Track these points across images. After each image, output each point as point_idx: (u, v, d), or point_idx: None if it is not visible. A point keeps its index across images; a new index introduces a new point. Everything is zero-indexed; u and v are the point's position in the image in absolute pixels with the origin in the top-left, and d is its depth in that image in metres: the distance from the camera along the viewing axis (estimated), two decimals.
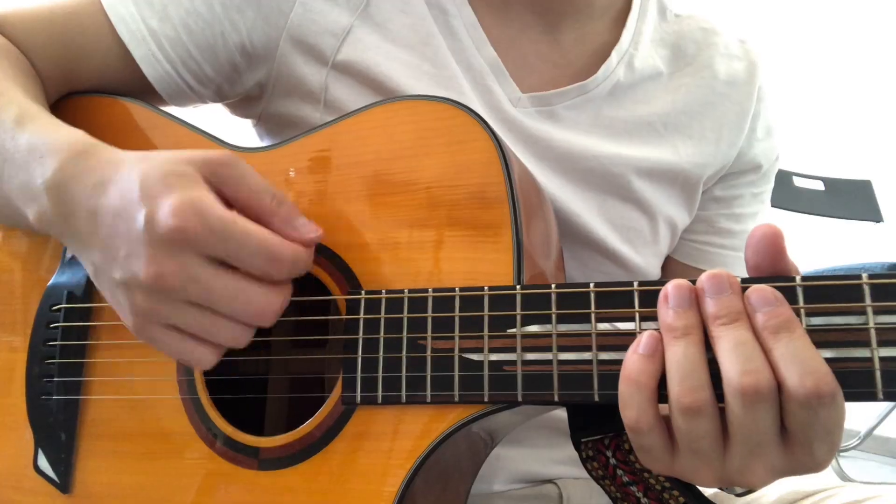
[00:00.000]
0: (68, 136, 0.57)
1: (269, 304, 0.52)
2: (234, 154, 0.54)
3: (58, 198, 0.54)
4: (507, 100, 0.73)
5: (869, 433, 2.65)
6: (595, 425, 0.53)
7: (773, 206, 2.35)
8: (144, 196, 0.50)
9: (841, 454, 2.68)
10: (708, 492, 0.55)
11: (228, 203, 0.52)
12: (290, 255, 0.52)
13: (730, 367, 0.44)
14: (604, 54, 0.76)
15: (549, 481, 0.76)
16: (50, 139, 0.56)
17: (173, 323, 0.51)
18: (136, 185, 0.50)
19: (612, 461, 0.54)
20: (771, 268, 0.46)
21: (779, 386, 0.43)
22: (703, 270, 0.80)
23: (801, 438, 0.44)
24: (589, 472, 0.55)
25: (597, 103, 0.75)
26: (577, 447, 0.55)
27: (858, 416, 2.74)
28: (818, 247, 2.36)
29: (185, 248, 0.49)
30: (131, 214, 0.50)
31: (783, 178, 2.58)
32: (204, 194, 0.50)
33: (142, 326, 0.52)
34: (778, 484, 0.64)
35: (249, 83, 0.73)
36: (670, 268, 0.84)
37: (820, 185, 2.71)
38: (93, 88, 0.71)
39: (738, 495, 0.53)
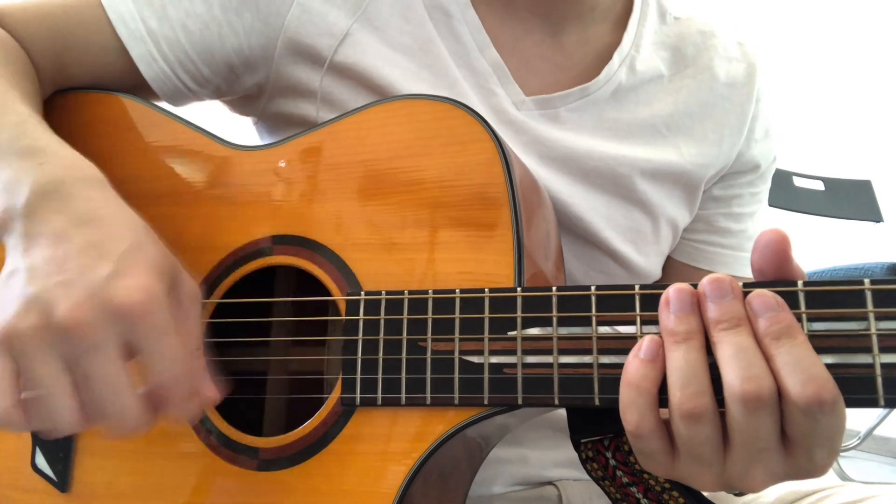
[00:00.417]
0: (78, 156, 0.55)
1: (136, 419, 0.48)
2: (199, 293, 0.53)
3: (39, 200, 0.51)
4: (510, 102, 0.73)
5: (869, 433, 2.65)
6: (594, 426, 0.53)
7: (773, 206, 2.35)
8: (124, 258, 0.48)
9: (841, 454, 2.68)
10: (707, 493, 0.55)
11: None
12: (187, 388, 0.50)
13: (731, 374, 0.43)
14: (606, 57, 0.76)
15: (549, 483, 0.76)
16: (57, 150, 0.55)
17: (33, 364, 0.46)
18: (125, 242, 0.49)
19: (612, 462, 0.54)
20: (776, 273, 0.46)
21: (780, 392, 0.43)
22: (701, 269, 0.82)
23: (801, 444, 0.44)
24: (588, 472, 0.55)
25: (599, 105, 0.75)
26: (576, 448, 0.55)
27: (858, 416, 2.74)
28: (818, 247, 2.36)
29: (118, 324, 0.46)
30: (100, 259, 0.48)
31: (783, 178, 2.58)
32: (166, 298, 0.49)
33: (10, 343, 0.46)
34: (778, 484, 0.64)
35: (247, 84, 0.73)
36: (670, 267, 0.84)
37: (820, 185, 2.71)
38: (89, 84, 0.71)
39: (736, 495, 0.53)
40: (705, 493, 0.54)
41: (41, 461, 0.64)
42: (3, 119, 0.58)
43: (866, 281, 0.44)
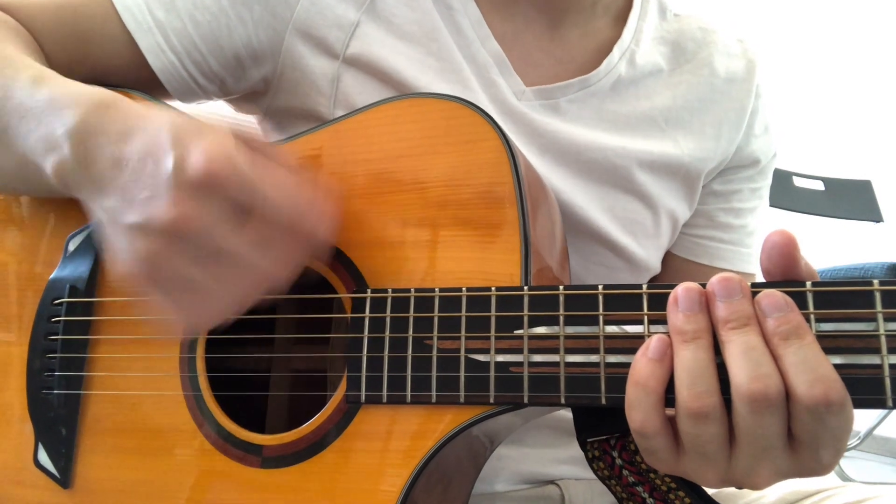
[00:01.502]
0: (90, 89, 0.56)
1: (282, 265, 0.51)
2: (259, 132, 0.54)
3: (81, 145, 0.52)
4: (511, 93, 0.73)
5: (869, 433, 2.65)
6: (601, 426, 0.53)
7: (773, 206, 2.35)
8: (175, 140, 0.49)
9: None
10: (711, 490, 0.55)
11: None
12: (314, 211, 0.52)
13: (739, 373, 0.43)
14: (606, 50, 0.77)
15: (551, 482, 0.76)
16: (72, 92, 0.56)
17: (182, 273, 0.49)
18: (166, 130, 0.50)
19: (618, 461, 0.54)
20: (783, 275, 0.46)
21: (787, 392, 0.43)
22: (702, 264, 0.82)
23: (808, 444, 0.44)
24: (595, 472, 0.55)
25: (599, 97, 0.76)
26: (582, 447, 0.55)
27: (859, 416, 2.74)
28: (818, 247, 2.36)
29: (212, 196, 0.48)
30: (159, 157, 0.48)
31: (783, 178, 2.59)
32: (234, 145, 0.49)
33: (147, 274, 0.49)
34: (779, 484, 0.64)
35: (255, 78, 0.73)
36: (670, 262, 0.84)
37: (820, 185, 2.71)
38: (98, 77, 0.71)
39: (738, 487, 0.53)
40: (709, 490, 0.54)
41: (43, 457, 0.64)
42: (20, 73, 0.59)
43: (875, 282, 0.44)
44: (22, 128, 0.57)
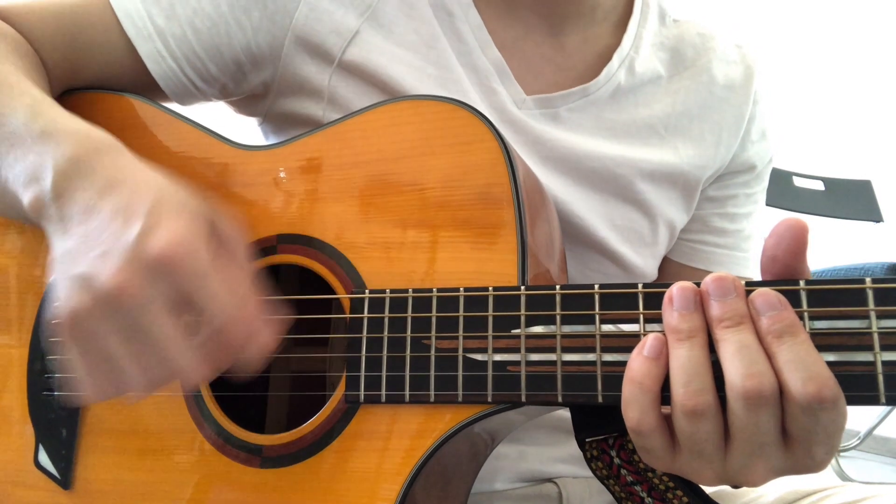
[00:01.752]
0: (92, 129, 0.56)
1: (193, 371, 0.48)
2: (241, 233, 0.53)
3: (64, 181, 0.52)
4: (511, 101, 0.73)
5: (869, 433, 2.65)
6: (599, 425, 0.54)
7: (773, 206, 2.36)
8: (151, 211, 0.48)
9: (841, 454, 2.69)
10: (708, 489, 0.55)
11: None
12: (253, 325, 0.50)
13: (733, 371, 0.44)
14: (606, 57, 0.77)
15: (549, 480, 0.76)
16: (70, 128, 0.56)
17: (102, 340, 0.47)
18: (148, 198, 0.49)
19: (617, 461, 0.54)
20: (791, 260, 0.46)
21: (781, 390, 0.43)
22: (698, 269, 0.82)
23: (802, 441, 0.45)
24: (593, 471, 0.56)
25: (598, 106, 0.76)
26: (581, 446, 0.55)
27: (858, 416, 2.75)
28: (818, 247, 2.36)
29: (161, 278, 0.46)
30: (129, 220, 0.48)
31: (783, 178, 2.59)
32: (205, 236, 0.49)
33: (70, 326, 0.47)
34: (778, 483, 0.64)
35: (254, 83, 0.73)
36: (666, 267, 0.84)
37: (820, 185, 2.71)
38: (97, 83, 0.71)
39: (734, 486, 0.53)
40: (708, 490, 0.54)
41: (44, 458, 0.65)
42: (16, 101, 0.58)
43: (868, 280, 0.44)
44: (10, 155, 0.56)
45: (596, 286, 0.50)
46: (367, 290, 0.57)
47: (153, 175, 0.52)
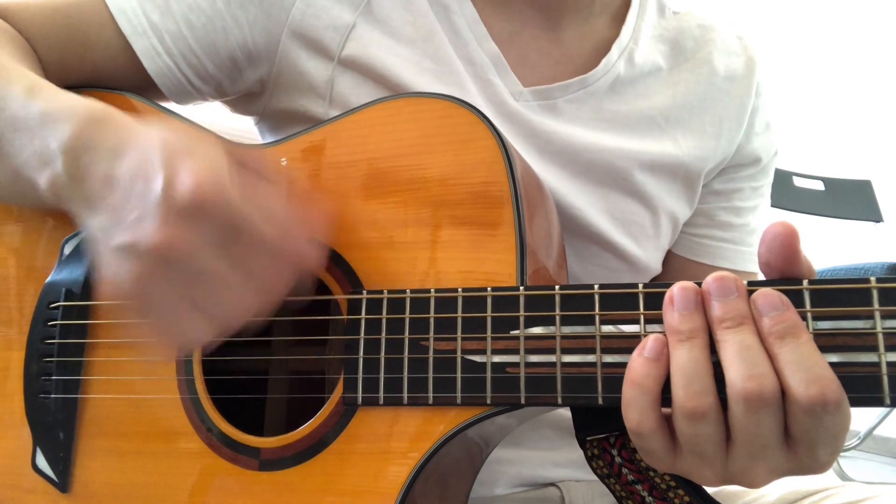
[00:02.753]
0: (83, 102, 0.56)
1: (246, 307, 0.50)
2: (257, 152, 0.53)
3: (74, 161, 0.52)
4: (508, 93, 0.73)
5: (869, 433, 2.65)
6: (600, 424, 0.53)
7: (773, 206, 2.35)
8: (166, 161, 0.48)
9: (841, 454, 2.68)
10: (710, 489, 0.55)
11: None
12: (302, 233, 0.51)
13: (733, 372, 0.43)
14: (604, 49, 0.76)
15: (551, 484, 0.76)
16: (65, 105, 0.56)
17: (169, 296, 0.49)
18: (157, 149, 0.49)
19: (618, 460, 0.54)
20: (783, 266, 0.46)
21: (783, 391, 0.43)
22: (703, 264, 0.82)
23: (804, 443, 0.44)
24: (594, 470, 0.55)
25: (597, 97, 0.75)
26: (581, 445, 0.54)
27: (858, 416, 2.74)
28: (818, 247, 2.36)
29: (200, 220, 0.47)
30: (149, 177, 0.48)
31: (783, 178, 2.59)
32: (225, 166, 0.49)
33: (136, 295, 0.49)
34: (779, 483, 0.64)
35: (250, 80, 0.73)
36: (670, 262, 0.84)
37: (820, 185, 2.71)
38: (93, 81, 0.71)
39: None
40: (709, 489, 0.53)
41: (42, 461, 0.64)
42: (13, 86, 0.59)
43: (872, 279, 0.44)
44: (16, 141, 0.57)
45: (596, 286, 0.50)
46: (364, 291, 0.57)
47: (153, 130, 0.52)
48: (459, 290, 0.53)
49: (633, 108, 0.76)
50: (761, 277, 0.48)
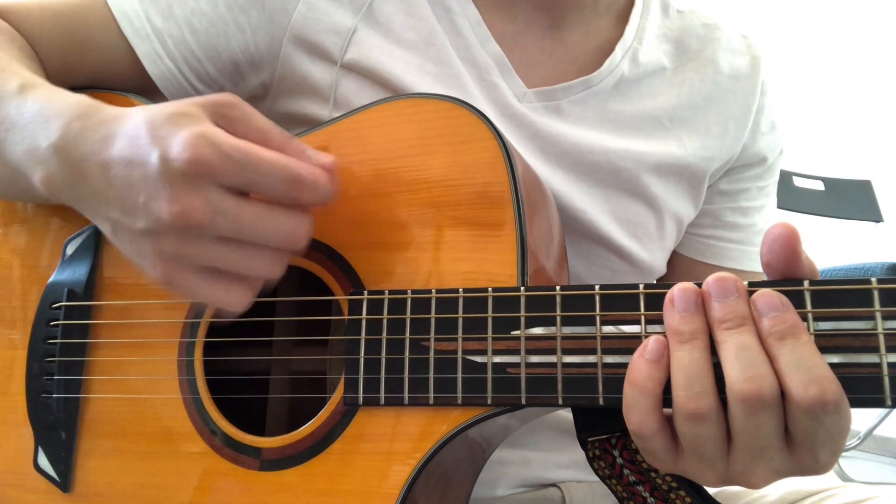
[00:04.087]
0: (71, 98, 0.56)
1: (297, 225, 0.51)
2: (237, 96, 0.53)
3: (65, 159, 0.52)
4: (512, 95, 0.73)
5: (869, 433, 2.65)
6: (601, 425, 0.53)
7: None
8: (154, 137, 0.48)
9: (841, 454, 2.68)
10: (711, 489, 0.55)
11: None
12: (308, 175, 0.51)
13: (733, 373, 0.43)
14: (608, 50, 0.76)
15: (552, 485, 0.76)
16: (54, 104, 0.56)
17: (207, 263, 0.50)
18: (143, 129, 0.49)
19: (619, 461, 0.54)
20: (784, 268, 0.46)
21: (783, 392, 0.43)
22: (709, 264, 0.82)
23: (805, 443, 0.44)
24: (595, 471, 0.55)
25: (602, 98, 0.75)
26: (583, 446, 0.54)
27: (858, 416, 2.74)
28: (818, 247, 2.36)
29: (205, 181, 0.48)
30: (144, 158, 0.48)
31: (783, 178, 2.58)
32: (213, 127, 0.49)
33: (173, 274, 0.50)
34: (780, 484, 0.64)
35: (252, 84, 0.73)
36: (676, 262, 0.83)
37: (820, 185, 2.72)
38: (95, 82, 0.71)
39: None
40: (710, 490, 0.53)
41: (43, 461, 0.64)
42: (7, 84, 0.59)
43: (873, 280, 0.44)
44: (9, 139, 0.57)
45: (596, 287, 0.50)
46: (365, 292, 0.57)
47: (132, 111, 0.52)
48: (460, 290, 0.53)
49: (637, 109, 0.76)
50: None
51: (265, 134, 0.52)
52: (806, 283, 0.45)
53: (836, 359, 0.43)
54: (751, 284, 0.46)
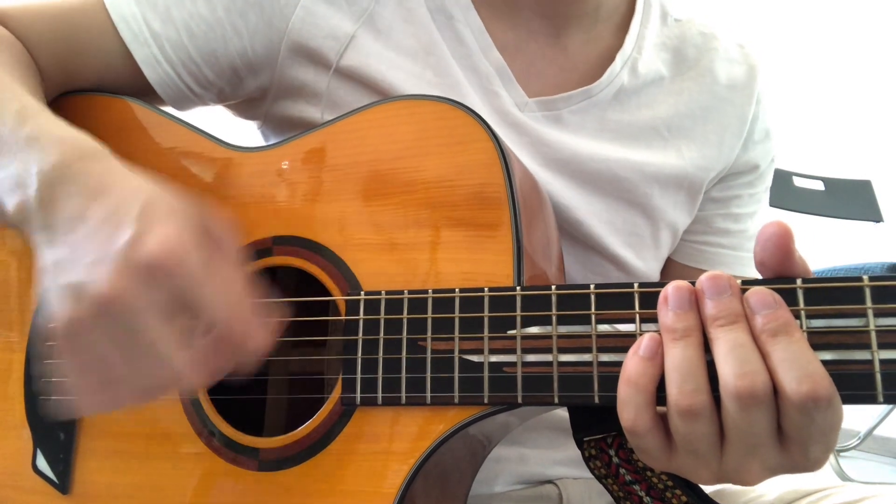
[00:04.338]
0: (76, 136, 0.55)
1: (192, 372, 0.47)
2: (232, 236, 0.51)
3: (49, 188, 0.51)
4: (513, 104, 0.73)
5: (869, 433, 2.65)
6: (597, 424, 0.53)
7: (773, 206, 2.36)
8: (141, 216, 0.47)
9: (841, 454, 2.68)
10: (709, 489, 0.55)
11: None
12: (249, 326, 0.48)
13: (726, 370, 0.44)
14: (608, 59, 0.76)
15: (549, 482, 0.76)
16: (56, 134, 0.55)
17: (98, 349, 0.46)
18: (137, 203, 0.48)
19: (615, 460, 0.54)
20: (777, 266, 0.46)
21: (776, 389, 0.43)
22: (701, 270, 0.81)
23: (797, 440, 0.44)
24: (591, 470, 0.55)
25: (601, 107, 0.75)
26: (579, 446, 0.55)
27: (858, 416, 2.75)
28: (818, 247, 2.36)
29: (154, 283, 0.45)
30: (119, 226, 0.47)
31: (783, 178, 2.59)
32: (196, 239, 0.47)
33: (66, 337, 0.47)
34: (778, 483, 0.64)
35: (251, 87, 0.73)
36: (669, 268, 0.84)
37: (820, 185, 2.72)
38: (92, 87, 0.71)
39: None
40: (707, 489, 0.54)
41: (42, 463, 0.65)
42: (5, 107, 0.57)
43: (865, 277, 0.44)
44: None
45: (592, 286, 0.50)
46: (362, 292, 0.57)
47: (140, 181, 0.51)
48: (457, 290, 0.54)
49: (636, 119, 0.76)
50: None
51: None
52: (799, 281, 0.45)
53: (828, 356, 0.44)
54: (744, 282, 0.46)
